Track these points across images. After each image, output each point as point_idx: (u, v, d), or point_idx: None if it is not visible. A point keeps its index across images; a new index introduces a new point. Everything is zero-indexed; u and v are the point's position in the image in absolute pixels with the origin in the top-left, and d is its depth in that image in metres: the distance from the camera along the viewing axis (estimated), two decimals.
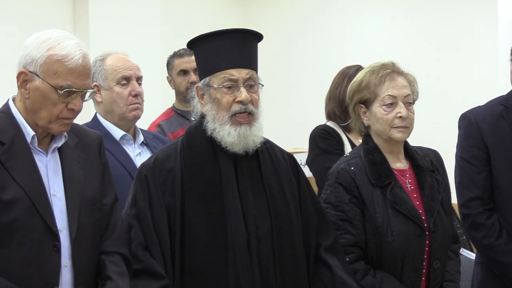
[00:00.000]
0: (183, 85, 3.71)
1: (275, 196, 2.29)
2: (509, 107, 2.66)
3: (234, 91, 2.24)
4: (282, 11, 7.33)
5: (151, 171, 2.24)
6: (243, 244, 2.18)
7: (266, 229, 2.24)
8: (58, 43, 2.02)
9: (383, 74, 2.46)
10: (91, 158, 2.18)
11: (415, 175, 2.52)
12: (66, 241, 2.03)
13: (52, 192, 2.04)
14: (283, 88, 7.00)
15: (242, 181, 2.26)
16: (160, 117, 3.74)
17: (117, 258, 2.14)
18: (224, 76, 2.24)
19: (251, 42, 2.32)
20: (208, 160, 2.26)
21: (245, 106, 2.24)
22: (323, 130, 3.31)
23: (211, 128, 2.26)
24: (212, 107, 2.26)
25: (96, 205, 2.13)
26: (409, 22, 6.50)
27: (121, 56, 2.92)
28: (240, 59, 2.26)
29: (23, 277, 1.94)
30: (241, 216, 2.21)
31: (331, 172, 2.49)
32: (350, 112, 2.59)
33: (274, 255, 2.24)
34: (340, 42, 6.89)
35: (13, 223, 1.93)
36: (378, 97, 2.46)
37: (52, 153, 2.09)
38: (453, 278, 2.52)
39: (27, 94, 2.03)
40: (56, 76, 2.00)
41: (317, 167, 3.26)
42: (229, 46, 2.25)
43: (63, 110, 2.03)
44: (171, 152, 2.29)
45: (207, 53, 2.28)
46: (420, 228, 2.41)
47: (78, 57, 2.02)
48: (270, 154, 2.36)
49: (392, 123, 2.45)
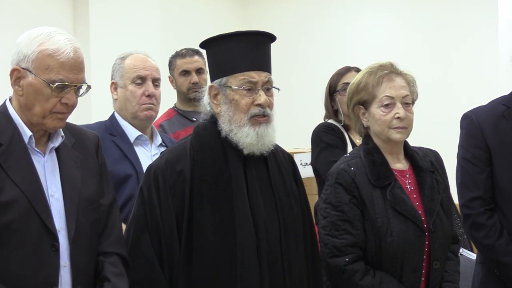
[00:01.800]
0: (185, 86, 3.71)
1: (282, 199, 2.30)
2: (511, 107, 2.66)
3: (252, 93, 2.24)
4: (282, 12, 7.33)
5: (162, 173, 2.23)
6: (252, 247, 2.18)
7: (275, 233, 2.24)
8: (49, 38, 2.03)
9: (381, 75, 2.47)
10: (88, 158, 2.19)
11: (415, 176, 2.52)
12: (64, 241, 2.03)
13: (50, 192, 2.04)
14: (284, 88, 6.93)
15: (251, 184, 2.25)
16: (161, 117, 3.74)
17: (115, 259, 2.15)
18: (244, 78, 2.23)
19: (267, 45, 2.33)
20: (218, 162, 2.25)
21: (264, 109, 2.25)
22: (327, 126, 3.34)
23: (227, 129, 2.25)
24: (229, 108, 2.25)
25: (94, 205, 2.13)
26: (409, 22, 6.50)
27: (141, 56, 2.94)
28: (260, 62, 2.27)
29: (23, 278, 1.94)
30: (250, 219, 2.20)
31: (331, 173, 2.49)
32: (350, 113, 2.60)
33: (283, 259, 2.24)
34: (340, 42, 6.90)
35: (12, 224, 1.93)
36: (376, 98, 2.47)
37: (49, 153, 2.09)
38: (452, 278, 2.52)
39: (20, 91, 2.04)
40: (48, 71, 2.00)
41: (322, 162, 3.25)
42: (248, 48, 2.25)
43: (57, 105, 2.03)
44: (180, 153, 2.27)
45: (224, 54, 2.27)
46: (420, 228, 2.41)
47: (69, 50, 2.03)
48: (275, 157, 2.36)
49: (390, 123, 2.45)
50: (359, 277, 2.37)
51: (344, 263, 2.38)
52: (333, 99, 3.39)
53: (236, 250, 2.16)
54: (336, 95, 3.37)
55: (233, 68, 2.24)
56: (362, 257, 2.41)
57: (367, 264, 2.41)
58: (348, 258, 2.38)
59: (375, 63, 2.54)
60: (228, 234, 2.17)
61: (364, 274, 2.37)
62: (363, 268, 2.39)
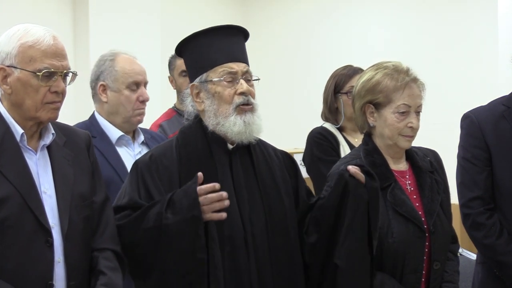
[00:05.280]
0: (184, 86, 3.70)
1: (268, 193, 2.30)
2: (511, 107, 2.67)
3: (234, 84, 2.27)
4: (282, 12, 7.33)
5: (147, 167, 2.24)
6: (240, 240, 2.20)
7: (261, 225, 2.25)
8: (27, 31, 2.07)
9: (403, 82, 2.43)
10: (80, 157, 2.20)
11: (415, 176, 2.52)
12: (58, 238, 2.04)
13: (43, 189, 2.06)
14: (284, 89, 7.00)
15: (236, 177, 2.27)
16: (161, 118, 3.74)
17: (109, 254, 2.16)
18: (223, 70, 2.27)
19: (241, 38, 2.37)
20: (203, 157, 2.27)
21: (247, 98, 2.27)
22: (319, 133, 3.31)
23: (214, 123, 2.27)
24: (212, 101, 2.27)
25: (86, 202, 2.15)
26: (409, 22, 6.50)
27: (131, 59, 2.93)
28: (237, 53, 2.31)
29: (18, 274, 1.96)
30: (238, 212, 2.22)
31: (331, 174, 2.48)
32: (356, 108, 2.55)
33: (270, 251, 2.25)
34: (340, 42, 6.89)
35: (5, 221, 1.95)
36: (392, 103, 2.44)
37: (41, 151, 2.11)
38: (452, 278, 2.52)
39: (9, 89, 2.06)
40: (33, 62, 2.03)
41: (315, 173, 3.29)
42: (224, 41, 2.29)
43: (47, 94, 2.06)
44: (166, 150, 2.30)
45: (200, 51, 2.31)
46: (420, 229, 2.41)
47: (49, 38, 2.06)
48: (262, 151, 2.38)
49: (402, 131, 2.44)
50: None
51: None
52: (337, 98, 3.36)
53: (224, 243, 2.17)
54: (341, 96, 3.34)
55: (212, 62, 2.28)
56: None
57: None
58: None
59: (387, 63, 2.51)
60: (215, 227, 2.15)
61: None
62: None
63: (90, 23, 5.69)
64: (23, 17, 5.30)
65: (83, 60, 5.38)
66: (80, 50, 5.62)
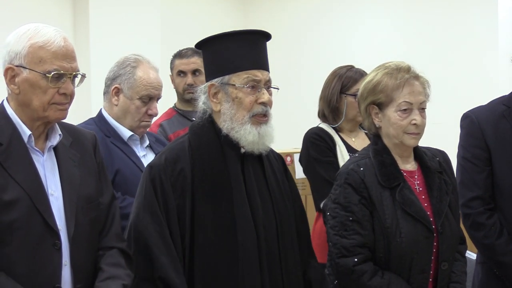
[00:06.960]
0: (180, 86, 3.73)
1: (277, 198, 2.32)
2: (511, 107, 2.67)
3: (255, 91, 2.26)
4: (282, 13, 7.33)
5: (163, 171, 2.22)
6: (253, 246, 2.20)
7: (273, 231, 2.26)
8: (37, 31, 2.05)
9: (402, 79, 2.44)
10: (86, 157, 2.19)
11: (424, 177, 2.51)
12: (64, 240, 2.03)
13: (50, 191, 2.05)
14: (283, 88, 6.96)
15: (249, 182, 2.27)
16: (161, 117, 3.74)
17: (114, 252, 2.16)
18: (248, 76, 2.25)
19: (265, 44, 2.35)
20: (217, 161, 2.25)
21: (266, 109, 2.28)
22: (315, 134, 3.29)
23: (228, 127, 2.26)
24: (231, 106, 2.26)
25: (93, 204, 2.14)
26: (410, 22, 6.50)
27: (151, 71, 2.90)
28: (262, 61, 2.30)
29: (26, 277, 1.95)
30: (250, 218, 2.22)
31: (340, 173, 2.49)
32: (361, 111, 2.56)
33: (280, 257, 2.26)
34: (339, 42, 6.89)
35: (14, 223, 1.94)
36: (393, 102, 2.44)
37: (48, 152, 2.10)
38: (460, 279, 2.52)
39: (17, 89, 2.04)
40: (42, 63, 2.02)
41: (311, 174, 3.29)
42: (250, 47, 2.28)
43: (55, 96, 2.04)
44: (180, 152, 2.27)
45: (225, 53, 2.28)
46: (428, 229, 2.41)
47: (59, 39, 2.04)
48: (267, 155, 2.37)
49: (406, 129, 2.44)
50: (367, 278, 2.37)
51: (353, 263, 2.38)
52: (341, 98, 3.32)
53: (238, 249, 2.17)
54: (347, 97, 3.31)
55: (236, 66, 2.26)
56: (370, 257, 2.41)
57: (376, 265, 2.40)
58: (357, 259, 2.38)
59: (390, 63, 2.52)
60: (229, 233, 2.17)
61: (372, 275, 2.38)
62: (371, 269, 2.39)
63: (90, 23, 5.67)
64: (23, 16, 5.31)
65: (83, 60, 5.37)
66: (80, 50, 5.61)
